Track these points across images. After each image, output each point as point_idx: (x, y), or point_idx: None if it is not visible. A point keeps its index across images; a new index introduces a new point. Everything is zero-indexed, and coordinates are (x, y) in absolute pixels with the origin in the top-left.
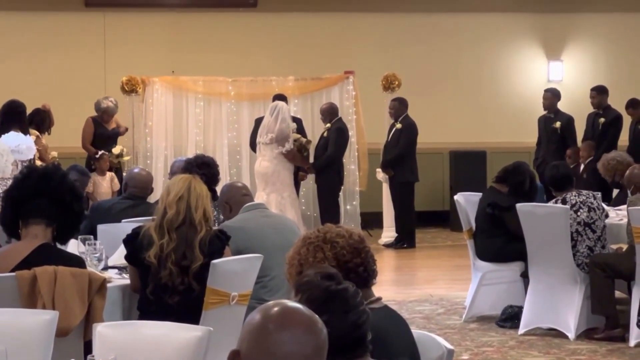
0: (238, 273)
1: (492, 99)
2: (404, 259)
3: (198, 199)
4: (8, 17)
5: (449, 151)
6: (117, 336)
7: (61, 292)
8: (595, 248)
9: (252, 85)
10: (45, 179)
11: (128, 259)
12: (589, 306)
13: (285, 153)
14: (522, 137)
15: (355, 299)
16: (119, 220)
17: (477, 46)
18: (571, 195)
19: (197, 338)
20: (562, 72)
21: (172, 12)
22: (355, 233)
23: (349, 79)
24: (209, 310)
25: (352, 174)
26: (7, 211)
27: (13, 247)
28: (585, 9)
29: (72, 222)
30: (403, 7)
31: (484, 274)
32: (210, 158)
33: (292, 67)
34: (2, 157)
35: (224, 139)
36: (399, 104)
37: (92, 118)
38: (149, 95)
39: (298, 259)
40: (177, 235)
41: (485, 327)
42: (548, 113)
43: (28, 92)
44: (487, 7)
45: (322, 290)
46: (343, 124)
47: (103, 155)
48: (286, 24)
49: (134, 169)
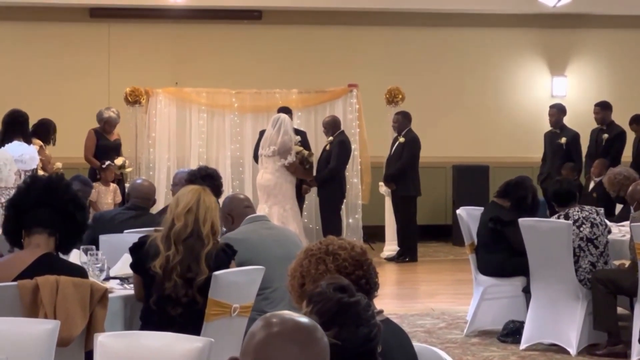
0: (240, 285)
1: (496, 114)
2: (405, 272)
3: (207, 212)
4: (13, 27)
5: (452, 165)
6: (118, 346)
7: (63, 302)
8: (598, 264)
9: (256, 97)
10: (49, 188)
11: (133, 267)
12: (590, 322)
13: (288, 165)
14: (525, 152)
15: (367, 312)
16: (121, 231)
17: (481, 61)
18: (574, 210)
19: (198, 349)
20: (565, 88)
21: (177, 24)
22: (357, 245)
23: (353, 92)
24: (210, 322)
25: (355, 187)
26: (10, 220)
27: (15, 257)
28: (589, 25)
29: (74, 232)
30: (407, 22)
31: (485, 288)
32: (214, 170)
33: (295, 79)
34: (5, 166)
35: (227, 151)
36: (402, 117)
37: (94, 130)
38: (153, 106)
39: (300, 271)
40: (183, 247)
41: (487, 342)
42: (554, 129)
43: (32, 102)
44: (491, 22)
45: (334, 303)
46: (346, 137)
47: (109, 166)
48: (290, 37)
49: (136, 180)
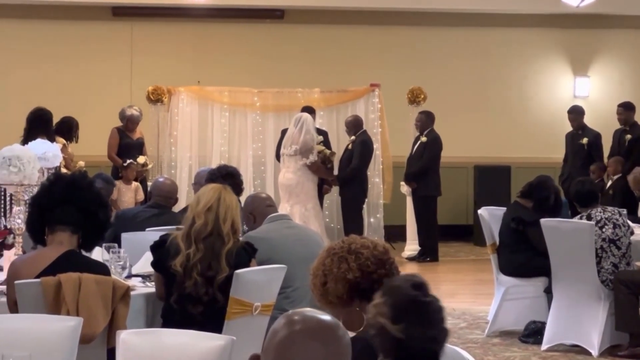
0: (261, 283)
1: (518, 114)
2: (426, 272)
3: (227, 211)
4: (36, 26)
5: (474, 165)
6: (141, 343)
7: (85, 299)
8: (620, 265)
9: (278, 96)
10: (72, 186)
11: (154, 265)
12: (612, 323)
13: (309, 165)
14: (547, 153)
15: (438, 314)
16: (143, 229)
17: (504, 61)
18: (596, 211)
19: (220, 347)
20: (588, 88)
21: (199, 23)
22: (379, 244)
23: (375, 91)
24: (231, 320)
25: (377, 186)
26: (34, 217)
27: (39, 254)
28: (612, 26)
29: (97, 230)
30: (430, 22)
31: (507, 288)
32: (234, 168)
33: (318, 79)
34: (28, 164)
35: (248, 150)
36: (425, 117)
37: (117, 128)
38: (175, 105)
39: (322, 270)
40: (204, 245)
41: (508, 342)
42: (575, 130)
43: (55, 100)
44: (514, 22)
45: (409, 299)
46: (368, 137)
47: (131, 164)
48: (313, 36)
49: (159, 178)
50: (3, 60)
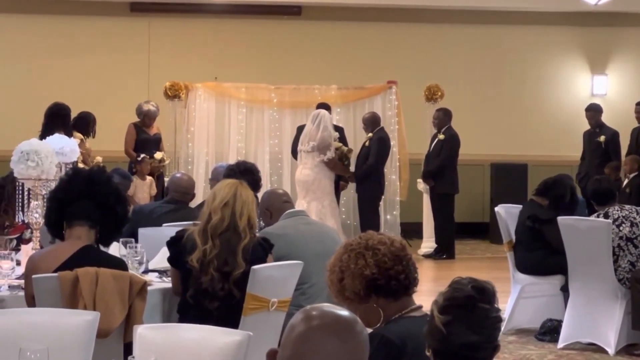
0: (278, 279)
1: (535, 112)
2: (443, 269)
3: (243, 206)
4: (54, 21)
5: (490, 163)
6: (158, 338)
7: (102, 294)
8: (637, 263)
9: (295, 93)
10: (90, 181)
11: (171, 261)
12: (629, 321)
13: (327, 161)
14: (564, 151)
15: (491, 323)
16: (160, 224)
17: (521, 59)
18: (613, 209)
19: (237, 342)
20: (606, 86)
21: (217, 19)
22: (396, 240)
23: (392, 88)
24: (248, 316)
25: (393, 183)
26: (52, 212)
27: (57, 248)
28: (630, 23)
29: (115, 225)
30: (447, 19)
31: (523, 286)
32: (252, 164)
33: (335, 75)
34: (46, 158)
35: (265, 146)
36: (443, 114)
37: (133, 124)
38: (192, 100)
39: (339, 266)
40: (220, 241)
41: (524, 340)
42: (593, 128)
43: (73, 96)
44: (531, 20)
45: (463, 295)
46: (385, 134)
47: (144, 158)
48: (330, 33)
49: (176, 174)
50: (22, 55)
